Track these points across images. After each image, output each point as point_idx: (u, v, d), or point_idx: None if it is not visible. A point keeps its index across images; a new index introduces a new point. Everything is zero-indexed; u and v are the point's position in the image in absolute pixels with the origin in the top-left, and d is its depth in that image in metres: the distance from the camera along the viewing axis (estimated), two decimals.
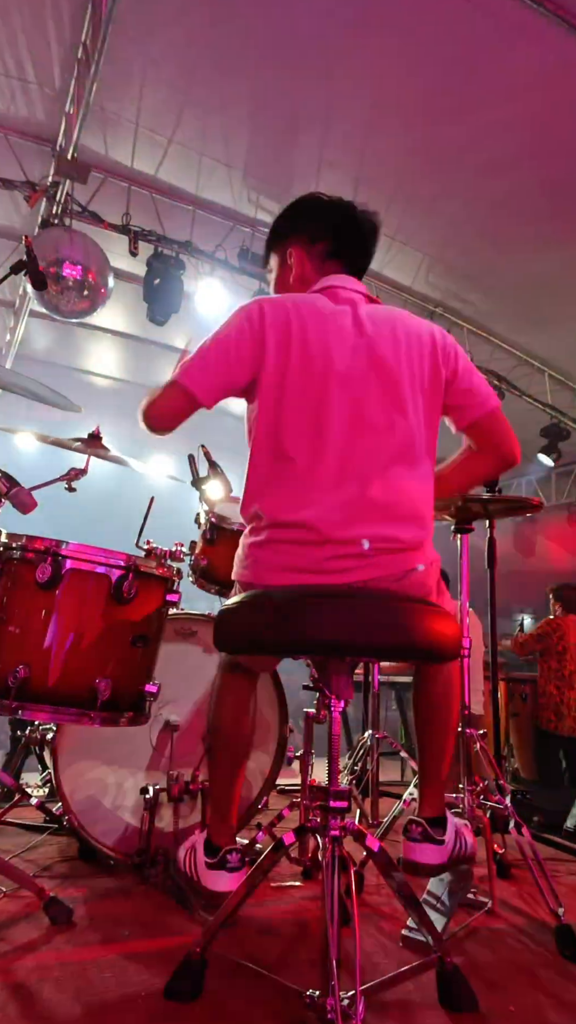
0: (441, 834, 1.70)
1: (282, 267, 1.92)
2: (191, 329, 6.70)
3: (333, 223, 1.88)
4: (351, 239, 1.88)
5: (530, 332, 6.89)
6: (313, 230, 1.87)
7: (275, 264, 1.96)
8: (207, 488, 2.64)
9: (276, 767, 2.55)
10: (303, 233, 1.88)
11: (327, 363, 1.66)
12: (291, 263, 1.88)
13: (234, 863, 1.72)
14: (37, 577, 1.87)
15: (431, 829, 1.70)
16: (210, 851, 1.75)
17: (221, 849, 1.73)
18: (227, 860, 1.72)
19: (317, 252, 1.87)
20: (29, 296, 5.99)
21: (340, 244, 1.87)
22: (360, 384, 1.67)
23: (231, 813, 1.80)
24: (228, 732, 1.81)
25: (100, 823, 2.22)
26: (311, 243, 1.87)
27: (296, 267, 1.87)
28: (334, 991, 1.18)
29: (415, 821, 1.72)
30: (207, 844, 1.77)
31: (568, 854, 2.79)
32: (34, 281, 2.04)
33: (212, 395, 1.72)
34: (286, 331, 1.68)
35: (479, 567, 2.73)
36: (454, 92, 4.39)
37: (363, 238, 1.90)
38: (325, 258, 1.86)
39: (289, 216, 1.94)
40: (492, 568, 2.85)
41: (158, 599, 2.09)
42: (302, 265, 1.87)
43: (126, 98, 4.69)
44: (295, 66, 4.38)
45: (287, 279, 1.90)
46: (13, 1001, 1.44)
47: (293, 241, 1.89)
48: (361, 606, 1.38)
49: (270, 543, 1.64)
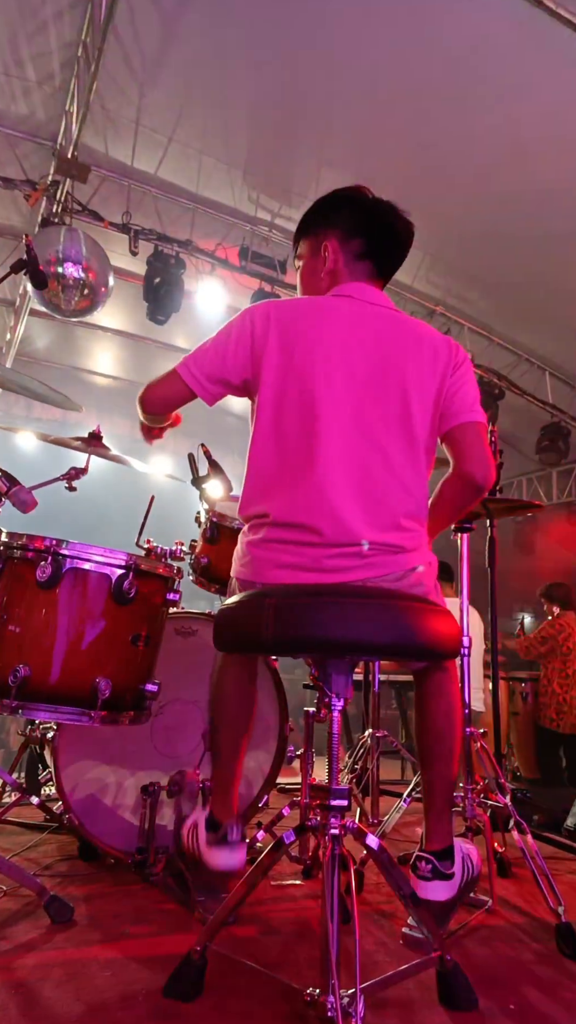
0: (450, 867, 1.66)
1: (314, 257, 1.87)
2: (191, 328, 6.71)
3: (372, 222, 1.84)
4: (386, 243, 1.85)
5: (530, 331, 6.90)
6: (351, 225, 1.83)
7: (306, 252, 1.91)
8: (207, 487, 2.64)
9: (276, 766, 2.55)
10: (340, 227, 1.84)
11: (330, 366, 1.66)
12: (325, 255, 1.84)
13: (235, 837, 1.72)
14: (37, 576, 1.86)
15: (440, 864, 1.65)
16: (212, 826, 1.76)
17: (222, 824, 1.73)
18: (228, 835, 1.72)
19: (351, 249, 1.83)
20: (29, 295, 5.98)
21: (375, 245, 1.83)
22: (363, 387, 1.67)
23: (233, 787, 1.81)
24: (230, 706, 1.82)
25: (100, 822, 2.22)
26: (347, 238, 1.83)
27: (331, 261, 1.83)
28: (334, 989, 1.18)
29: (423, 858, 1.67)
30: (209, 820, 1.77)
31: (568, 853, 2.80)
32: (34, 280, 2.04)
33: (205, 389, 1.73)
34: (290, 333, 1.69)
35: (479, 566, 2.73)
36: (454, 92, 4.39)
37: (398, 245, 1.87)
38: (357, 257, 1.83)
39: (329, 205, 1.89)
40: (492, 568, 2.85)
41: (158, 598, 2.09)
42: (336, 260, 1.83)
43: (126, 97, 4.69)
44: (295, 65, 4.38)
45: (318, 270, 1.86)
46: (13, 1000, 1.44)
47: (330, 233, 1.85)
48: (361, 604, 1.38)
49: (269, 542, 1.64)
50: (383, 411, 1.67)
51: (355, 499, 1.61)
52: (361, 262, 1.83)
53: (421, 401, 1.71)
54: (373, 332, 1.72)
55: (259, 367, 1.70)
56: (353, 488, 1.62)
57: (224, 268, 5.79)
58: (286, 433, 1.66)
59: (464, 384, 1.77)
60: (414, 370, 1.71)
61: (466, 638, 2.40)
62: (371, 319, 1.74)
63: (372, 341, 1.70)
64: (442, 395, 1.74)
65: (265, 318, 1.71)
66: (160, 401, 1.81)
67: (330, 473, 1.62)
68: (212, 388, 1.74)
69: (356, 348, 1.69)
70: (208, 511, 2.69)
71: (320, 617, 1.34)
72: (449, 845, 1.70)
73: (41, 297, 5.01)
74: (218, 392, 1.76)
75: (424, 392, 1.71)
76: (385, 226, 1.85)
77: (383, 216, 1.84)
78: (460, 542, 2.51)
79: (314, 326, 1.70)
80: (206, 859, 1.73)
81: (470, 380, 1.80)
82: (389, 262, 1.88)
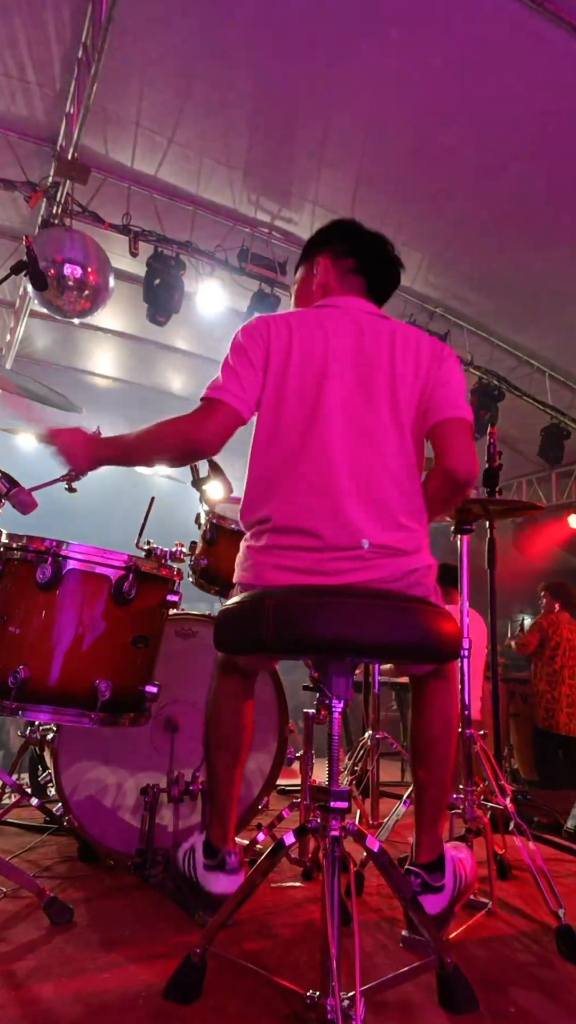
0: (440, 879, 1.66)
1: (307, 276, 1.97)
2: (191, 330, 6.72)
3: (363, 244, 1.95)
4: (377, 263, 1.94)
5: (530, 332, 6.89)
6: (344, 247, 1.94)
7: (300, 275, 2.01)
8: (207, 488, 2.64)
9: (276, 767, 2.55)
10: (333, 247, 1.95)
11: (325, 373, 1.69)
12: (317, 272, 1.93)
13: (232, 865, 1.71)
14: (37, 578, 1.87)
15: (429, 877, 1.65)
16: (209, 852, 1.75)
17: (220, 851, 1.73)
18: (226, 862, 1.71)
19: (343, 266, 1.92)
20: (29, 296, 5.98)
21: (366, 264, 1.92)
22: (355, 391, 1.70)
23: (230, 814, 1.80)
24: (226, 733, 1.81)
25: (100, 823, 2.22)
26: (339, 257, 1.93)
27: (321, 275, 1.93)
28: (334, 991, 1.18)
29: (412, 872, 1.67)
30: (206, 846, 1.76)
31: (568, 854, 2.79)
32: (34, 281, 2.05)
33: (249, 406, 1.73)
34: (287, 342, 1.73)
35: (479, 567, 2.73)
36: (455, 92, 4.39)
37: (388, 268, 1.95)
38: (349, 272, 1.91)
39: (324, 232, 2.00)
40: (492, 568, 2.85)
41: (158, 599, 2.09)
42: (327, 274, 1.92)
43: (126, 98, 4.69)
44: (295, 66, 4.38)
45: (310, 286, 1.95)
46: (13, 1001, 1.44)
47: (324, 252, 1.95)
48: (361, 605, 1.38)
49: (270, 548, 1.65)
50: (376, 413, 1.70)
51: (355, 501, 1.63)
52: (353, 276, 1.90)
53: (409, 400, 1.73)
54: (359, 337, 1.75)
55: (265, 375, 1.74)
56: (353, 490, 1.63)
57: (224, 269, 5.79)
58: (284, 440, 1.69)
59: (448, 379, 1.77)
60: (400, 369, 1.73)
61: (466, 640, 2.40)
62: (356, 325, 1.77)
63: (359, 346, 1.74)
64: (426, 391, 1.75)
65: (266, 328, 1.76)
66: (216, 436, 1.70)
67: (330, 476, 1.63)
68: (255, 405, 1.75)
69: (345, 354, 1.72)
70: (208, 513, 2.69)
71: (320, 617, 1.34)
72: (439, 856, 1.70)
73: (41, 298, 5.01)
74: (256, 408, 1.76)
75: (411, 391, 1.74)
76: (376, 250, 1.94)
77: (374, 242, 1.95)
78: (460, 544, 2.51)
79: (306, 336, 1.74)
80: (203, 883, 1.72)
81: (455, 376, 1.80)
82: (380, 283, 1.94)
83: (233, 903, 1.48)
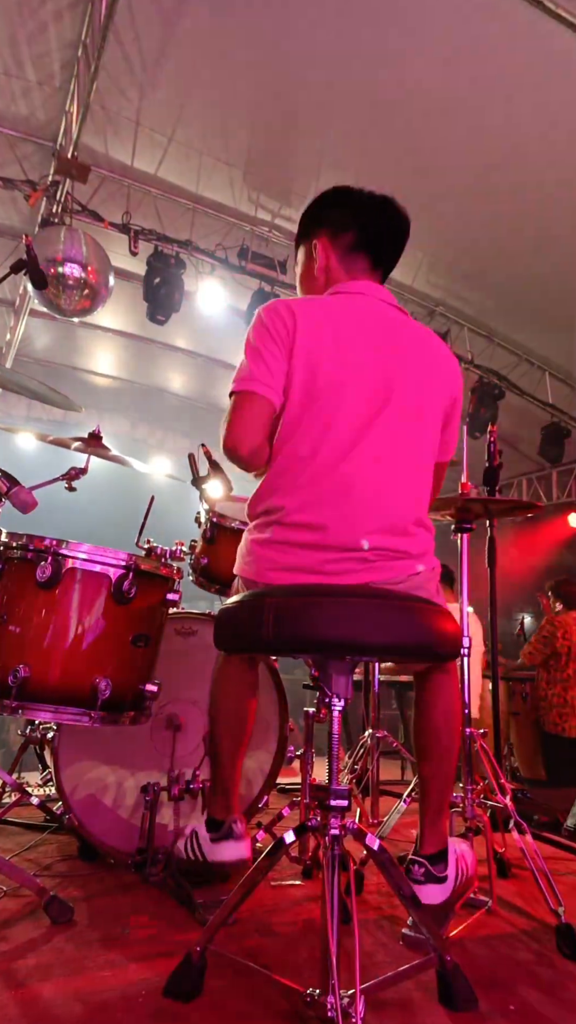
0: (443, 870, 1.67)
1: (308, 260, 1.88)
2: (191, 329, 6.72)
3: (360, 213, 1.82)
4: (379, 232, 1.83)
5: (530, 331, 6.90)
6: (339, 220, 1.82)
7: (301, 258, 1.91)
8: (207, 487, 2.64)
9: (276, 766, 2.55)
10: (328, 224, 1.83)
11: (356, 369, 1.65)
12: (316, 255, 1.84)
13: (239, 832, 1.73)
14: (37, 576, 1.87)
15: (433, 868, 1.66)
16: (213, 826, 1.75)
17: (225, 821, 1.73)
18: (232, 830, 1.72)
19: (343, 243, 1.81)
20: (29, 295, 5.98)
21: (367, 236, 1.81)
22: (378, 389, 1.66)
23: (233, 791, 1.81)
24: (228, 710, 1.82)
25: (100, 822, 2.23)
26: (337, 234, 1.82)
27: (322, 258, 1.83)
28: (334, 990, 1.18)
29: (417, 861, 1.67)
30: (209, 822, 1.77)
31: (568, 853, 2.79)
32: (34, 280, 2.04)
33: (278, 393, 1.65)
34: (309, 332, 1.65)
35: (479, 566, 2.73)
36: (454, 92, 4.39)
37: (392, 233, 1.84)
38: (350, 250, 1.81)
39: (315, 208, 1.88)
40: (492, 568, 2.85)
41: (158, 598, 2.09)
42: (328, 256, 1.82)
43: (126, 98, 4.69)
44: (295, 65, 4.38)
45: (311, 271, 1.86)
46: (13, 1000, 1.44)
47: (320, 232, 1.84)
48: (361, 604, 1.38)
49: (274, 543, 1.64)
50: (399, 418, 1.67)
51: (367, 504, 1.61)
52: (355, 254, 1.82)
53: (432, 414, 1.74)
54: (389, 338, 1.71)
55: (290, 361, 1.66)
56: (367, 494, 1.61)
57: (224, 268, 5.79)
58: (305, 434, 1.64)
59: (456, 419, 1.84)
60: (429, 382, 1.73)
61: (466, 639, 2.39)
62: (386, 323, 1.73)
63: (388, 348, 1.70)
64: (446, 413, 1.79)
65: (290, 313, 1.67)
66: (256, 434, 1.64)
67: (345, 476, 1.61)
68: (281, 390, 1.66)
69: (375, 354, 1.68)
70: (208, 511, 2.69)
71: (320, 616, 1.34)
72: (443, 848, 1.70)
73: (41, 297, 5.01)
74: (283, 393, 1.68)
75: (435, 407, 1.75)
76: (375, 216, 1.82)
77: (372, 207, 1.82)
78: (460, 542, 2.51)
79: (330, 326, 1.67)
80: (211, 856, 1.72)
81: (460, 414, 1.86)
82: (385, 252, 1.85)
83: (233, 901, 1.48)
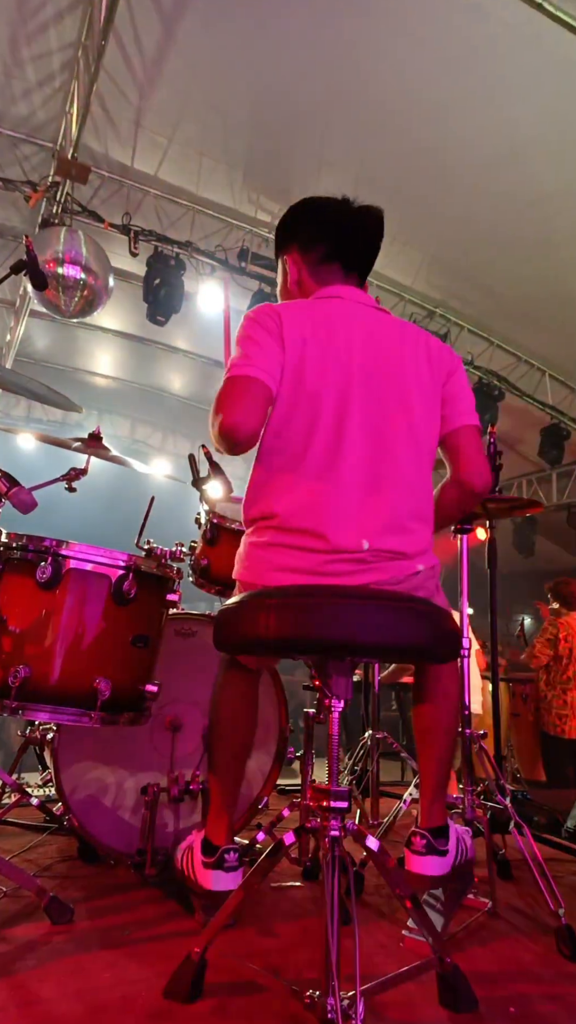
0: (444, 844, 1.67)
1: (283, 274, 1.91)
2: (191, 329, 6.72)
3: (327, 225, 1.83)
4: (348, 239, 1.83)
5: (530, 332, 6.90)
6: (306, 235, 1.83)
7: (279, 274, 1.95)
8: (207, 488, 2.63)
9: (276, 767, 2.55)
10: (297, 240, 1.85)
11: (335, 368, 1.65)
12: (288, 269, 1.87)
13: (231, 863, 1.71)
14: (37, 577, 1.86)
15: (434, 840, 1.67)
16: (208, 850, 1.75)
17: (219, 849, 1.72)
18: (224, 860, 1.71)
19: (313, 257, 1.83)
20: (29, 296, 5.99)
21: (336, 246, 1.82)
22: (366, 389, 1.66)
23: (230, 812, 1.80)
24: (227, 729, 1.81)
25: (100, 823, 2.22)
26: (306, 249, 1.83)
27: (293, 272, 1.85)
28: (334, 991, 1.18)
29: (418, 833, 1.68)
30: (205, 843, 1.76)
31: (568, 855, 2.79)
32: (34, 281, 2.04)
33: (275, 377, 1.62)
34: (301, 333, 1.66)
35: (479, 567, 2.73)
36: (454, 92, 4.39)
37: (363, 236, 1.84)
38: (320, 261, 1.82)
39: (284, 224, 1.90)
40: (492, 568, 2.85)
41: (158, 599, 2.09)
42: (299, 270, 1.85)
43: (126, 98, 4.69)
44: (295, 67, 4.39)
45: (286, 284, 1.89)
46: (13, 1001, 1.44)
47: (290, 249, 1.87)
48: (362, 605, 1.38)
49: (273, 546, 1.64)
50: (387, 412, 1.67)
51: (362, 502, 1.61)
52: (326, 265, 1.82)
53: (424, 403, 1.71)
54: (369, 334, 1.71)
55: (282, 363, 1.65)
56: (361, 491, 1.61)
57: (224, 269, 5.79)
58: (295, 436, 1.65)
59: (462, 388, 1.79)
60: (413, 372, 1.71)
61: (466, 639, 2.40)
62: (364, 320, 1.73)
63: (370, 343, 1.70)
64: (441, 399, 1.75)
65: (275, 313, 1.69)
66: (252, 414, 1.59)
67: (339, 478, 1.61)
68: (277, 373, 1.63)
69: (357, 350, 1.68)
70: (208, 512, 2.69)
71: (320, 617, 1.34)
72: (444, 824, 1.72)
73: (41, 298, 5.02)
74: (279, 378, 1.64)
75: (426, 394, 1.72)
76: (342, 226, 1.82)
77: (339, 217, 1.82)
78: (460, 543, 2.51)
79: (312, 326, 1.68)
80: (200, 881, 1.71)
81: (466, 383, 1.82)
82: (356, 259, 1.84)
83: (233, 903, 1.48)
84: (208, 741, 1.86)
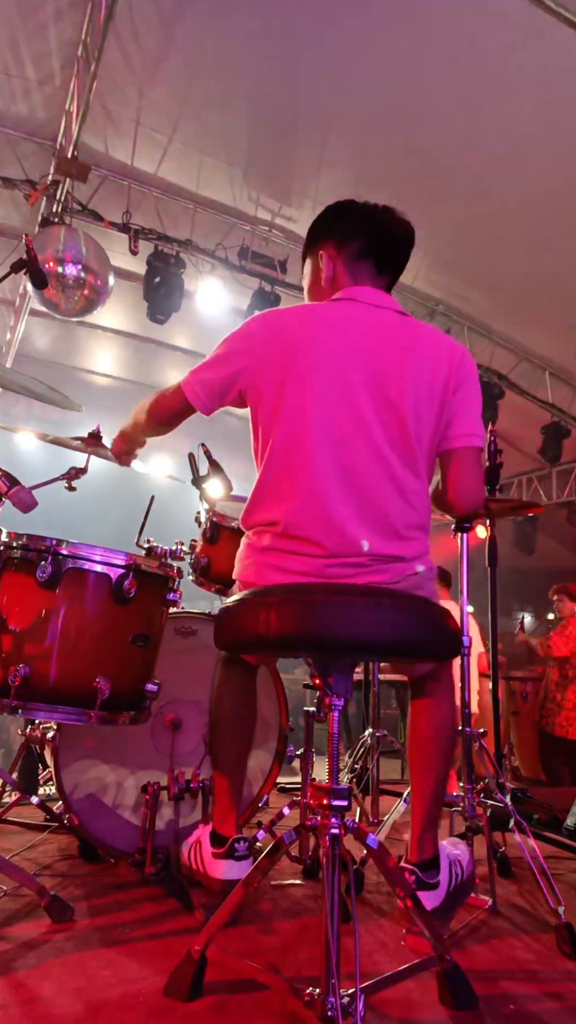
0: (434, 876, 1.68)
1: (314, 271, 1.88)
2: (191, 328, 6.71)
3: (365, 223, 1.83)
4: (384, 237, 1.83)
5: (530, 331, 6.89)
6: (343, 231, 1.83)
7: (308, 270, 1.92)
8: (207, 487, 2.63)
9: (277, 765, 2.55)
10: (335, 235, 1.84)
11: (324, 374, 1.64)
12: (322, 265, 1.84)
13: (242, 851, 1.73)
14: (37, 576, 1.86)
15: (423, 875, 1.68)
16: (217, 841, 1.76)
17: (228, 839, 1.73)
18: (235, 849, 1.72)
19: (349, 252, 1.81)
20: (29, 295, 5.98)
21: (372, 244, 1.81)
22: (359, 394, 1.65)
23: (237, 805, 1.81)
24: (229, 722, 1.82)
25: (101, 821, 2.23)
26: (342, 243, 1.82)
27: (328, 269, 1.83)
28: (334, 989, 1.18)
29: (407, 869, 1.69)
30: (213, 835, 1.77)
31: (568, 852, 2.79)
32: (34, 280, 2.04)
33: (206, 405, 1.77)
34: (286, 342, 1.68)
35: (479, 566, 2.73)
36: (454, 91, 4.39)
37: (397, 241, 1.84)
38: (356, 258, 1.81)
39: (321, 220, 1.90)
40: (493, 568, 2.85)
41: (158, 598, 2.09)
42: (333, 265, 1.83)
43: (126, 97, 4.69)
44: (295, 65, 4.38)
45: (318, 282, 1.86)
46: (14, 1000, 1.44)
47: (326, 243, 1.85)
48: (362, 603, 1.38)
49: (272, 550, 1.65)
50: (381, 418, 1.65)
51: (356, 511, 1.61)
52: (361, 262, 1.81)
53: (424, 410, 1.68)
54: (371, 336, 1.69)
55: (260, 378, 1.69)
56: (353, 499, 1.61)
57: (224, 268, 5.79)
58: (284, 444, 1.65)
59: (470, 401, 1.75)
60: (414, 376, 1.67)
61: (466, 638, 2.40)
62: (370, 323, 1.71)
63: (369, 346, 1.67)
64: (445, 408, 1.71)
65: (263, 328, 1.72)
66: (164, 414, 1.88)
67: (326, 485, 1.60)
68: (215, 405, 1.79)
69: (352, 354, 1.66)
70: (208, 511, 2.69)
71: (320, 616, 1.34)
72: (433, 855, 1.71)
73: (41, 297, 5.01)
74: (215, 406, 1.79)
75: (427, 400, 1.68)
76: (380, 224, 1.83)
77: (377, 216, 1.83)
78: (460, 542, 2.51)
79: (309, 333, 1.68)
80: (211, 872, 1.72)
81: (475, 397, 1.77)
82: (390, 260, 1.84)
83: (234, 901, 1.48)
84: (210, 739, 1.87)
